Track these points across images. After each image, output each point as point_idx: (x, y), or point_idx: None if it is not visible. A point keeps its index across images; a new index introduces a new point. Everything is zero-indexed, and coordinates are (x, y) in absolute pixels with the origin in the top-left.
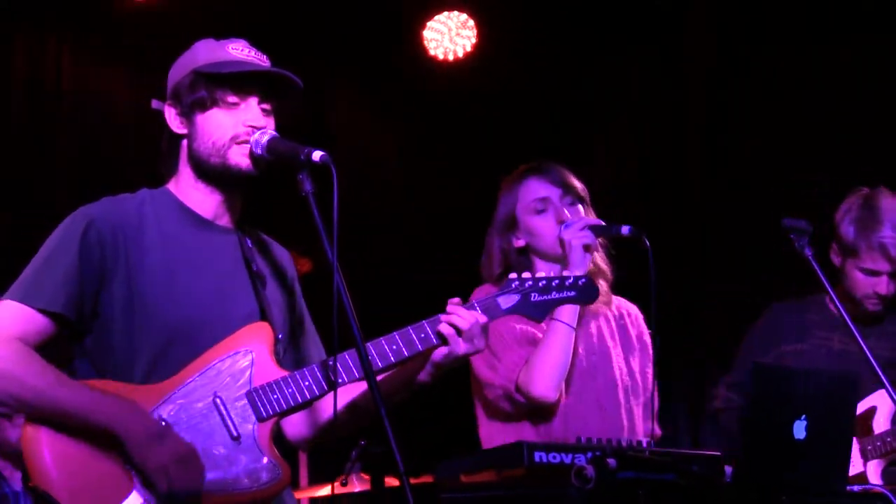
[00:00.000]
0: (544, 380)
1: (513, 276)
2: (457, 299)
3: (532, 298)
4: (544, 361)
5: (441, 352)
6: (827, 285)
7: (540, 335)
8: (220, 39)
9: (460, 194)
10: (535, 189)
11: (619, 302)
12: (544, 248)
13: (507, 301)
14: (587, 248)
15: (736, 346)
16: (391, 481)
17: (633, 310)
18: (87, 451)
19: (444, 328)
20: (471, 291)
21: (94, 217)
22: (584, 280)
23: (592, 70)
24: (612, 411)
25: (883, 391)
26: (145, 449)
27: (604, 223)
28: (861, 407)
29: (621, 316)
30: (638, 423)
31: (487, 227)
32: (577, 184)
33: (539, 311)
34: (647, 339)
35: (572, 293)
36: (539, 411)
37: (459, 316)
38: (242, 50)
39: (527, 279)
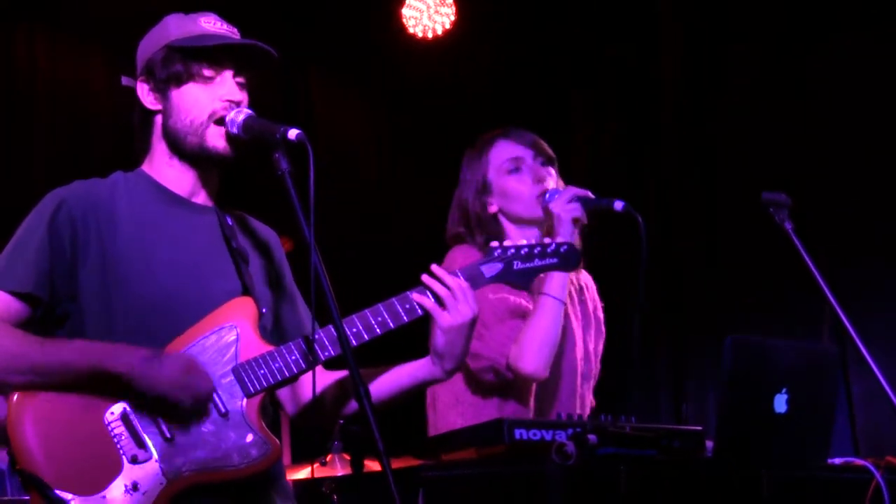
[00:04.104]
0: (535, 356)
1: (494, 244)
2: (435, 266)
3: (515, 266)
4: (534, 337)
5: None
6: (806, 258)
7: (532, 308)
8: (188, 13)
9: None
10: (507, 150)
11: (580, 273)
12: (519, 211)
13: (490, 269)
14: (576, 222)
15: (717, 323)
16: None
17: (591, 282)
18: (74, 433)
19: (425, 301)
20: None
21: (64, 198)
22: (565, 247)
23: (571, 45)
24: (566, 400)
25: None
26: (150, 373)
27: (593, 195)
28: None
29: (581, 290)
30: (587, 409)
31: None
32: (547, 146)
33: (522, 279)
34: (601, 313)
35: (554, 260)
36: (518, 390)
37: (439, 284)
38: (214, 23)
39: (508, 247)
